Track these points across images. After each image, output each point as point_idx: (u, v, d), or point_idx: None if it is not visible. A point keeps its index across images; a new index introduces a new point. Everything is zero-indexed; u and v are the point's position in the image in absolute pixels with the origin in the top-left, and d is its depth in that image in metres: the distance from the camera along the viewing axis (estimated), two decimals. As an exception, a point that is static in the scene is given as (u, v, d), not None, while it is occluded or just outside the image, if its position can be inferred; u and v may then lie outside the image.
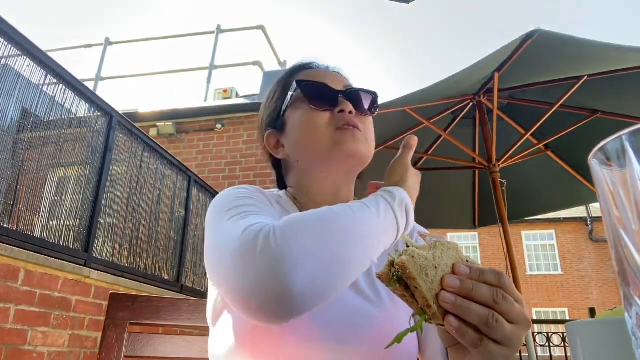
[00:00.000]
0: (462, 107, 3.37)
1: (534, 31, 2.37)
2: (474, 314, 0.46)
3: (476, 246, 20.34)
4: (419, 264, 0.47)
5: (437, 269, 0.48)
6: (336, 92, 0.84)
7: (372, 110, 0.87)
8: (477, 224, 4.16)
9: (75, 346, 3.30)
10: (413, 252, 0.48)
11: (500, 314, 0.47)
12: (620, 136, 0.27)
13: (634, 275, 0.27)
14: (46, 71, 3.26)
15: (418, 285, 0.47)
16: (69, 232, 3.42)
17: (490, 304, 0.47)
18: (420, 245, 0.51)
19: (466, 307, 0.46)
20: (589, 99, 3.05)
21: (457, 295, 0.46)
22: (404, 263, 0.47)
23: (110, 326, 1.00)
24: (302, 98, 0.84)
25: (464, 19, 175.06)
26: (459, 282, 0.47)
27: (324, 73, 0.90)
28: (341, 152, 0.80)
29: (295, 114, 0.85)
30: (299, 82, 0.85)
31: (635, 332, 0.27)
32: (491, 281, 0.48)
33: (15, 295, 2.81)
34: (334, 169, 0.83)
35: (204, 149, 7.25)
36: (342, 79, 0.90)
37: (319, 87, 0.84)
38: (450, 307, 0.46)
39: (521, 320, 0.48)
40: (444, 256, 0.49)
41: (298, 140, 0.84)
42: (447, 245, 0.50)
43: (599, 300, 18.34)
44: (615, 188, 0.28)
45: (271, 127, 0.90)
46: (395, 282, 0.49)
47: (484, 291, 0.47)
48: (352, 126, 0.81)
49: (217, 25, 9.25)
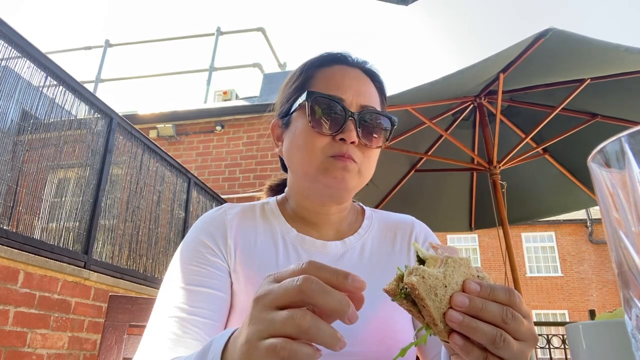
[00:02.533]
0: (463, 108, 3.37)
1: (547, 30, 2.30)
2: (481, 334, 0.45)
3: (476, 248, 20.32)
4: (429, 284, 0.46)
5: (446, 288, 0.46)
6: (346, 115, 0.76)
7: (380, 143, 0.80)
8: (473, 226, 4.16)
9: (75, 348, 3.30)
10: (424, 272, 0.46)
11: (508, 332, 0.46)
12: (620, 138, 0.27)
13: (633, 277, 0.27)
14: (46, 73, 3.26)
15: (426, 305, 0.46)
16: (68, 234, 3.41)
17: (499, 323, 0.46)
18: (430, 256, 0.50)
19: (473, 327, 0.45)
20: (589, 102, 3.04)
21: (465, 314, 0.45)
22: (413, 284, 0.46)
23: (110, 328, 1.00)
24: (308, 115, 0.77)
25: (463, 18, 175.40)
26: (468, 300, 0.45)
27: (352, 77, 0.81)
28: (327, 180, 0.77)
29: (297, 122, 0.80)
30: (310, 94, 0.77)
31: (635, 334, 0.27)
32: (501, 299, 0.47)
33: (15, 297, 2.81)
34: (319, 191, 0.80)
35: (203, 150, 7.25)
36: (367, 91, 0.81)
37: (329, 104, 0.76)
38: (457, 326, 0.45)
39: (529, 337, 0.48)
40: (455, 274, 0.48)
41: (291, 152, 0.82)
42: (458, 261, 0.49)
43: (599, 302, 18.33)
44: (615, 190, 0.28)
45: (280, 117, 0.87)
46: (403, 298, 0.48)
47: (493, 310, 0.46)
48: (346, 159, 0.76)
49: (217, 27, 9.26)
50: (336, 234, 0.87)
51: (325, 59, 0.85)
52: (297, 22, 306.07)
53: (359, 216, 0.92)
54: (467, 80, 2.72)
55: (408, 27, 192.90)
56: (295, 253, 0.81)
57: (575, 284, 19.14)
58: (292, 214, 0.88)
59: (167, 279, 0.78)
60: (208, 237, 0.81)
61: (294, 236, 0.83)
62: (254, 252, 0.81)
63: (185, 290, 0.74)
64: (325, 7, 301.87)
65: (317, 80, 0.82)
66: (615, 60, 2.49)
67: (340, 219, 0.87)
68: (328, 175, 0.76)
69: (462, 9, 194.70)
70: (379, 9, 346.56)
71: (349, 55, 0.86)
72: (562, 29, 2.31)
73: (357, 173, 0.78)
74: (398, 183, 3.76)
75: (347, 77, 0.81)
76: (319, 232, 0.86)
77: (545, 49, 2.41)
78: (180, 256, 0.80)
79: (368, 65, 0.86)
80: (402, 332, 0.76)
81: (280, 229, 0.85)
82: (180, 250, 0.81)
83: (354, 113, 0.77)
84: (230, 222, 0.83)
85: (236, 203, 0.92)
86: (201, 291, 0.74)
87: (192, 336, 0.70)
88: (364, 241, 0.86)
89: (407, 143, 3.36)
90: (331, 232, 0.86)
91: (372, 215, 0.93)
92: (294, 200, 0.87)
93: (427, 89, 2.60)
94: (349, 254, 0.83)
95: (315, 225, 0.86)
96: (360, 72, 0.84)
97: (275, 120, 0.88)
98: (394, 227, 0.91)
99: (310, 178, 0.79)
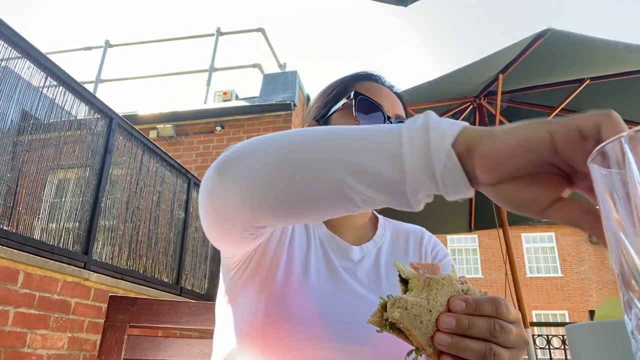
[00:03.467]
0: (462, 109, 3.37)
1: (546, 30, 2.31)
2: (471, 352, 0.45)
3: (476, 248, 20.33)
4: (413, 314, 0.45)
5: (431, 312, 0.46)
6: (385, 118, 0.82)
7: None
8: (473, 227, 4.17)
9: (75, 349, 3.30)
10: (406, 303, 0.46)
11: (498, 344, 0.46)
12: (619, 138, 0.27)
13: (633, 278, 0.27)
14: (46, 73, 3.26)
15: (412, 334, 0.46)
16: (68, 235, 3.41)
17: (488, 337, 0.46)
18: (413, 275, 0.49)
19: (462, 347, 0.45)
20: (589, 103, 3.04)
21: (453, 335, 0.45)
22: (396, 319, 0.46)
23: (110, 329, 1.00)
24: (352, 109, 0.82)
25: (461, 17, 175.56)
26: (455, 321, 0.45)
27: (386, 93, 0.88)
28: None
29: (339, 121, 0.84)
30: (356, 93, 0.83)
31: (635, 335, 0.27)
32: (488, 312, 0.47)
33: (15, 297, 2.81)
34: None
35: (203, 151, 7.25)
36: (398, 106, 0.88)
37: (372, 106, 0.82)
38: (445, 349, 0.45)
39: (519, 343, 0.48)
40: (438, 295, 0.47)
41: None
42: (441, 282, 0.48)
43: (599, 303, 18.31)
44: (615, 190, 0.28)
45: (316, 120, 0.90)
46: (388, 328, 0.48)
47: (480, 326, 0.46)
48: None
49: (217, 27, 9.25)
50: (356, 239, 0.88)
51: (363, 75, 0.91)
52: (297, 22, 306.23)
53: (373, 224, 0.94)
54: (466, 80, 2.72)
55: (408, 27, 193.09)
56: (322, 248, 0.83)
57: (575, 285, 19.14)
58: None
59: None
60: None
61: (323, 231, 0.86)
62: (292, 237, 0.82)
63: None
64: (325, 7, 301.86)
65: (357, 89, 0.86)
66: (615, 59, 2.49)
67: (362, 224, 0.90)
68: None
69: (462, 12, 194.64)
70: (379, 10, 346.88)
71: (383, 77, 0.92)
72: (561, 29, 2.31)
73: None
74: (398, 184, 3.76)
75: (384, 91, 0.88)
76: (342, 234, 0.88)
77: (544, 50, 2.42)
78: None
79: (395, 89, 0.92)
80: None
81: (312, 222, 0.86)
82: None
83: (391, 118, 0.83)
84: None
85: None
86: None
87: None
88: (378, 248, 0.88)
89: (407, 144, 3.36)
90: (353, 235, 0.88)
91: (385, 224, 0.95)
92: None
93: (425, 89, 2.60)
94: (367, 260, 0.85)
95: (339, 227, 0.88)
96: (392, 92, 0.90)
97: (311, 123, 0.91)
98: (406, 236, 0.93)
99: None
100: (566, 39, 2.37)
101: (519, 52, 2.48)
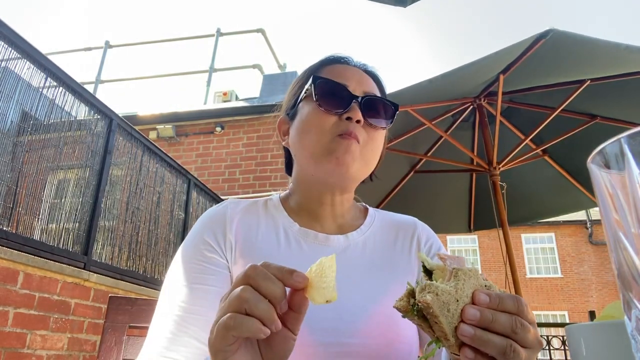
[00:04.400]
0: (462, 110, 3.37)
1: (548, 31, 2.29)
2: (492, 346, 0.45)
3: (476, 249, 20.32)
4: (442, 300, 0.45)
5: (458, 302, 0.46)
6: (351, 97, 0.81)
7: (384, 124, 0.84)
8: (472, 227, 4.16)
9: (74, 349, 3.29)
10: (437, 289, 0.46)
11: (517, 342, 0.46)
12: (619, 139, 0.27)
13: (633, 279, 0.27)
14: (46, 74, 3.26)
15: (439, 321, 0.46)
16: (68, 235, 3.41)
17: (509, 333, 0.46)
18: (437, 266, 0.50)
19: (485, 340, 0.45)
20: (589, 104, 3.03)
21: (477, 327, 0.45)
22: (428, 302, 0.45)
23: (110, 329, 1.00)
24: (314, 95, 0.81)
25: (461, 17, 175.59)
26: (479, 313, 0.46)
27: (354, 72, 0.86)
28: (330, 162, 0.78)
29: (304, 109, 0.84)
30: (315, 78, 0.82)
31: (635, 335, 0.27)
32: (510, 308, 0.47)
33: (14, 298, 2.81)
34: (322, 176, 0.82)
35: (203, 151, 7.25)
36: (368, 83, 0.86)
37: (335, 87, 0.81)
38: (469, 340, 0.45)
39: (535, 344, 0.48)
40: (465, 286, 0.47)
41: (298, 136, 0.84)
42: (468, 273, 0.48)
43: (599, 303, 18.31)
44: (615, 191, 0.28)
45: (286, 113, 0.90)
46: (414, 315, 0.48)
47: (503, 321, 0.46)
48: (352, 137, 0.78)
49: (217, 28, 9.26)
50: (339, 228, 0.88)
51: (329, 59, 0.90)
52: (297, 23, 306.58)
53: (362, 214, 0.94)
54: (466, 80, 2.71)
55: (407, 27, 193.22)
56: (298, 246, 0.82)
57: (575, 285, 19.13)
58: (295, 208, 0.89)
59: (168, 277, 0.79)
60: (207, 234, 0.82)
61: (296, 230, 0.84)
62: (255, 245, 0.81)
63: (183, 288, 0.75)
64: (325, 7, 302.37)
65: (322, 74, 0.86)
66: (616, 60, 2.48)
67: (342, 211, 0.89)
68: (332, 156, 0.78)
69: (462, 12, 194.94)
70: (378, 10, 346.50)
71: (351, 58, 0.90)
72: (563, 30, 2.30)
73: (360, 156, 0.80)
74: (398, 184, 3.76)
75: (349, 71, 0.86)
76: (322, 225, 0.87)
77: (545, 50, 2.40)
78: (180, 254, 0.81)
79: (369, 67, 0.91)
80: (405, 328, 0.77)
81: (282, 222, 0.86)
82: (181, 248, 0.82)
83: (357, 96, 0.81)
84: (230, 217, 0.84)
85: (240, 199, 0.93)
86: (198, 288, 0.75)
87: (190, 334, 0.70)
88: (366, 238, 0.87)
89: (407, 144, 3.36)
90: (334, 225, 0.87)
91: (375, 214, 0.94)
92: (299, 191, 0.89)
93: (426, 87, 2.58)
94: (351, 249, 0.84)
95: (318, 217, 0.87)
96: (362, 71, 0.88)
97: (282, 118, 0.92)
98: (396, 227, 0.92)
99: (316, 161, 0.80)
100: (568, 40, 2.36)
101: (520, 53, 2.46)
